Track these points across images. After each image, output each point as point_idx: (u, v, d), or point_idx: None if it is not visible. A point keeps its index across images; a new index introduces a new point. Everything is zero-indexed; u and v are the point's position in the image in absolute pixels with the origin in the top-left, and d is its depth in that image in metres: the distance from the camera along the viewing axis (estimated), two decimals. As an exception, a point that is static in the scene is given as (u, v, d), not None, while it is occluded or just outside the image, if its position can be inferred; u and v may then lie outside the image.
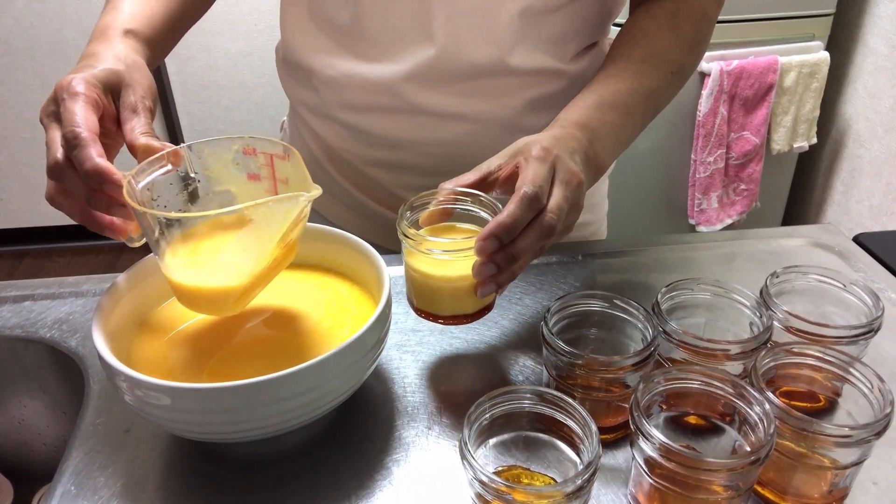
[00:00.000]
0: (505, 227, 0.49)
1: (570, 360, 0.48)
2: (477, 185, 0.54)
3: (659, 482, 0.42)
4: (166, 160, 0.50)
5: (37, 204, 2.48)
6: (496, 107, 0.69)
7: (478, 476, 0.40)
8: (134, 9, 0.63)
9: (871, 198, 1.85)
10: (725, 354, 0.48)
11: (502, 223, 0.49)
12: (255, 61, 2.32)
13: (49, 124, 0.52)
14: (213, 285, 0.49)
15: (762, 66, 1.75)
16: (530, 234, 0.50)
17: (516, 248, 0.50)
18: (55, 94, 0.52)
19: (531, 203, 0.50)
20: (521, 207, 0.49)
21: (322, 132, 0.75)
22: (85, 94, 0.51)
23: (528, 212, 0.50)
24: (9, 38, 2.21)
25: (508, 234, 0.49)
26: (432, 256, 0.52)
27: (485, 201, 0.54)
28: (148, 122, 0.53)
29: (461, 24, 0.64)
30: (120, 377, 0.44)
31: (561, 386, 0.50)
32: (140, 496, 0.48)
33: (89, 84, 0.52)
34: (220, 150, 0.53)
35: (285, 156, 0.52)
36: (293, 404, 0.45)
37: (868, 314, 0.52)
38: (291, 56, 0.73)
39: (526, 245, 0.50)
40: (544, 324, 0.50)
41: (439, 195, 0.54)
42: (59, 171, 0.49)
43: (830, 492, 0.45)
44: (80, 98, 0.51)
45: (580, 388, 0.49)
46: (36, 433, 0.68)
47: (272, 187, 0.54)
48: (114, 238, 0.52)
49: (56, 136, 0.51)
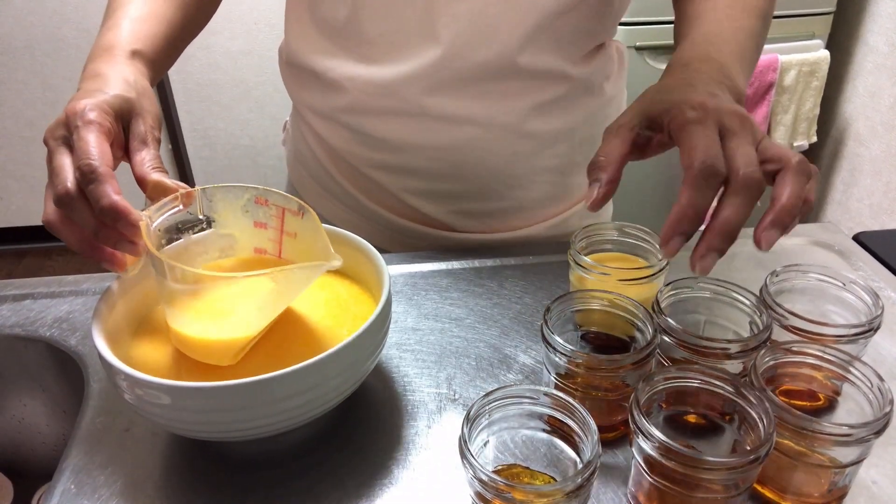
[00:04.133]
0: (684, 217, 0.44)
1: (569, 358, 0.48)
2: (629, 149, 0.50)
3: (659, 481, 0.42)
4: (179, 201, 0.50)
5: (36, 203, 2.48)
6: (501, 110, 0.68)
7: (477, 475, 0.40)
8: (136, 27, 0.61)
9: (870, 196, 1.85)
10: (725, 353, 0.48)
11: (679, 214, 0.44)
12: (254, 60, 2.33)
13: (57, 148, 0.50)
14: (221, 338, 0.49)
15: (762, 65, 1.75)
16: (735, 202, 0.44)
17: (728, 224, 0.44)
18: (66, 119, 0.50)
19: (708, 179, 0.44)
20: (697, 188, 0.44)
21: (325, 134, 0.75)
22: (99, 124, 0.50)
23: (708, 190, 0.44)
24: (8, 37, 2.21)
25: (692, 223, 0.45)
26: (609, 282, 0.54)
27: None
28: (157, 155, 0.52)
29: (467, 24, 0.63)
30: (120, 376, 0.45)
31: (561, 385, 0.50)
32: (140, 495, 0.48)
33: (102, 112, 0.51)
34: (232, 197, 0.53)
35: (299, 213, 0.52)
36: (293, 403, 0.45)
37: (868, 313, 0.52)
38: (294, 58, 0.73)
39: (734, 212, 0.44)
40: (544, 322, 0.50)
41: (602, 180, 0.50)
42: (68, 202, 0.47)
43: (830, 491, 0.45)
44: (94, 127, 0.49)
45: (580, 388, 0.49)
46: (36, 432, 0.68)
47: (278, 237, 0.54)
48: (112, 270, 0.51)
49: (66, 162, 0.49)
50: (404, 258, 0.73)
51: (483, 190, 0.74)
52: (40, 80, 2.26)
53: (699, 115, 0.46)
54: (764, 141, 0.47)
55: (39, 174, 2.42)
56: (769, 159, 0.47)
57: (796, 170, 0.46)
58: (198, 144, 2.47)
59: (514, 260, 0.73)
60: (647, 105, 0.51)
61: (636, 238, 0.60)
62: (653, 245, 0.59)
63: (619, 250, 0.61)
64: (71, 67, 2.24)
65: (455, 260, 0.72)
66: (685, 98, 0.48)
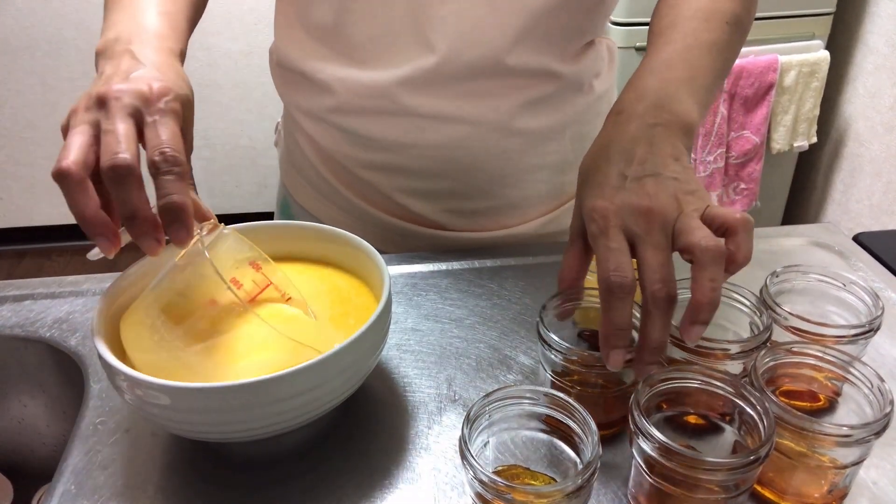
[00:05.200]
0: (610, 335, 0.44)
1: (565, 356, 0.48)
2: (582, 256, 0.50)
3: (659, 482, 0.42)
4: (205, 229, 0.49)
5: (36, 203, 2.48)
6: (490, 109, 0.68)
7: (478, 475, 0.40)
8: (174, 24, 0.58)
9: (870, 197, 1.85)
10: (725, 354, 0.48)
11: (604, 334, 0.44)
12: (254, 60, 2.33)
13: (123, 114, 0.46)
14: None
15: (762, 66, 1.75)
16: (648, 319, 0.44)
17: (649, 345, 0.44)
18: (149, 95, 0.47)
19: (615, 293, 0.44)
20: (609, 306, 0.44)
21: (316, 135, 0.75)
22: (178, 116, 0.48)
23: (620, 303, 0.44)
24: (8, 37, 2.21)
25: (619, 339, 0.44)
26: None
27: None
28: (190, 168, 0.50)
29: (455, 26, 0.63)
30: (120, 377, 0.44)
31: (557, 383, 0.50)
32: (140, 496, 0.48)
33: (181, 106, 0.49)
34: (238, 248, 0.51)
35: (283, 297, 0.52)
36: (293, 404, 0.45)
37: (868, 314, 0.52)
38: (284, 60, 0.73)
39: (653, 332, 0.44)
40: (540, 320, 0.50)
41: (561, 296, 0.51)
42: (124, 174, 0.44)
43: (830, 491, 0.45)
44: (176, 119, 0.47)
45: (576, 385, 0.49)
46: (36, 433, 0.68)
47: (246, 298, 0.51)
48: (102, 249, 0.46)
49: (132, 134, 0.46)
50: (404, 258, 0.73)
51: (474, 188, 0.74)
52: (40, 80, 2.26)
53: (600, 226, 0.46)
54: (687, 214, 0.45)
55: (39, 174, 2.42)
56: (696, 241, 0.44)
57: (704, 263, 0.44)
58: (198, 145, 2.47)
59: (514, 260, 0.73)
60: (576, 209, 0.51)
61: None
62: None
63: None
64: (71, 67, 2.24)
65: (455, 260, 0.72)
66: (591, 205, 0.47)
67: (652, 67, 0.55)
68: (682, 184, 0.47)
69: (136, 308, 0.50)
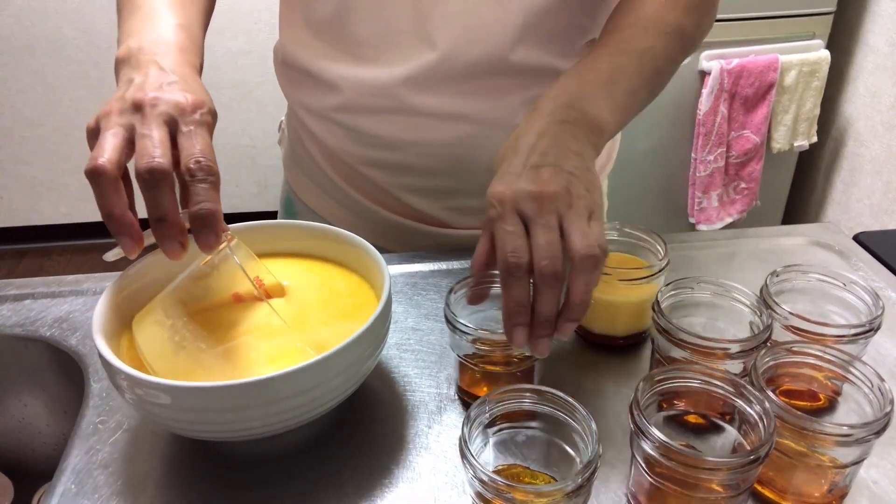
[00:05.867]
0: (511, 313, 0.46)
1: (473, 337, 0.49)
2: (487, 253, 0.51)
3: (659, 481, 0.42)
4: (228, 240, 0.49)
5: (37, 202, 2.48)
6: (494, 107, 0.69)
7: (478, 475, 0.40)
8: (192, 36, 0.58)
9: (871, 196, 1.85)
10: (725, 353, 0.48)
11: (507, 312, 0.46)
12: (255, 59, 2.33)
13: (159, 121, 0.47)
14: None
15: (762, 65, 1.75)
16: (542, 293, 0.46)
17: (538, 318, 0.46)
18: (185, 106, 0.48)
19: (512, 273, 0.46)
20: (508, 285, 0.46)
21: (320, 133, 0.75)
22: (210, 129, 0.49)
23: (517, 281, 0.46)
24: (9, 36, 2.21)
25: (521, 315, 0.46)
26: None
27: None
28: None
29: (458, 25, 0.63)
30: (120, 375, 0.44)
31: (465, 363, 0.52)
32: (140, 495, 0.48)
33: (213, 118, 0.50)
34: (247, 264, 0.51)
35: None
36: (293, 403, 0.45)
37: (868, 313, 0.52)
38: (289, 58, 0.73)
39: (542, 306, 0.46)
40: (447, 305, 0.51)
41: (472, 279, 0.53)
42: (158, 178, 0.45)
43: (830, 491, 0.45)
44: (209, 130, 0.49)
45: (483, 364, 0.51)
46: (36, 432, 0.68)
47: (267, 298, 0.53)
48: (125, 249, 0.48)
49: (167, 140, 0.47)
50: (404, 258, 0.73)
51: (478, 186, 0.73)
52: (40, 80, 2.26)
53: (498, 211, 0.48)
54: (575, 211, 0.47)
55: (39, 174, 2.42)
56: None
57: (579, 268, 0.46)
58: (198, 144, 2.47)
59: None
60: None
61: (636, 238, 0.60)
62: (653, 245, 0.59)
63: (618, 250, 0.61)
64: (71, 67, 2.24)
65: (455, 260, 0.72)
66: (491, 191, 0.50)
67: (578, 69, 0.57)
68: (578, 178, 0.48)
69: (154, 308, 0.50)
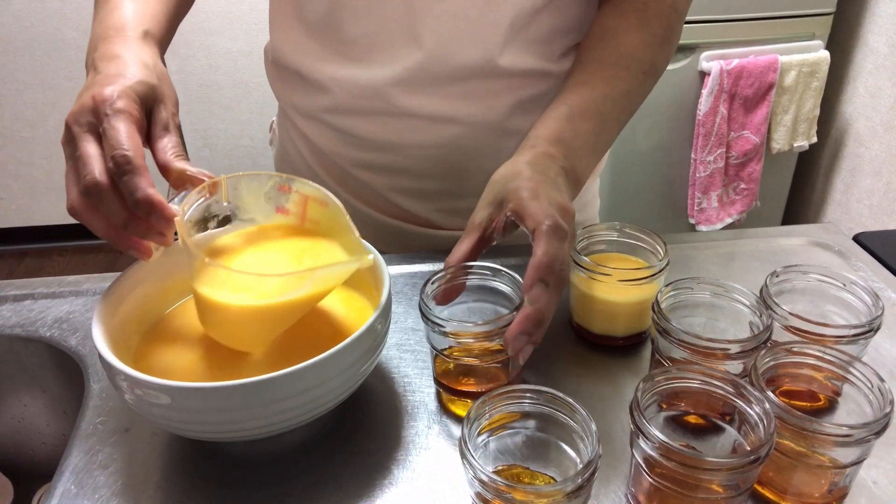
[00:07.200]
0: (541, 267, 0.48)
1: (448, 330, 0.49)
2: (477, 246, 0.53)
3: (659, 481, 0.42)
4: (207, 191, 0.50)
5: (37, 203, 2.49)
6: (484, 109, 0.69)
7: (478, 475, 0.40)
8: (141, 8, 0.60)
9: (870, 197, 1.85)
10: (725, 353, 0.48)
11: (538, 264, 0.48)
12: (255, 60, 2.33)
13: (82, 135, 0.48)
14: (256, 303, 0.48)
15: (762, 66, 1.75)
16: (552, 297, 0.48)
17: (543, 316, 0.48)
18: (94, 106, 0.49)
19: (557, 233, 0.49)
20: (550, 241, 0.48)
21: (310, 134, 0.75)
22: (129, 113, 0.49)
23: (561, 242, 0.49)
24: (8, 37, 2.21)
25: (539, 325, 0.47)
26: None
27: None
28: (179, 142, 0.52)
29: (448, 26, 0.63)
30: (120, 376, 0.44)
31: (440, 356, 0.52)
32: (140, 495, 0.48)
33: (130, 99, 0.50)
34: (257, 185, 0.53)
35: (324, 204, 0.53)
36: (293, 403, 0.45)
37: (868, 313, 0.52)
38: (280, 58, 0.73)
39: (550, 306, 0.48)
40: (421, 299, 0.51)
41: (448, 272, 0.53)
42: (97, 193, 0.47)
43: (830, 491, 0.45)
44: (125, 116, 0.49)
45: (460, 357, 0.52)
46: (36, 432, 0.68)
47: (299, 223, 0.54)
48: (139, 257, 0.51)
49: (94, 151, 0.48)
50: (404, 258, 0.73)
51: (469, 188, 0.74)
52: (40, 80, 2.26)
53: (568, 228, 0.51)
54: None
55: (39, 174, 2.42)
56: None
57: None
58: (198, 145, 2.47)
59: (515, 260, 0.73)
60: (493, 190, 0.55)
61: (636, 238, 0.60)
62: (653, 245, 0.59)
63: (618, 250, 0.61)
64: (71, 67, 2.24)
65: (455, 260, 0.72)
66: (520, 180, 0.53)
67: (570, 114, 0.60)
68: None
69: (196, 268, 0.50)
